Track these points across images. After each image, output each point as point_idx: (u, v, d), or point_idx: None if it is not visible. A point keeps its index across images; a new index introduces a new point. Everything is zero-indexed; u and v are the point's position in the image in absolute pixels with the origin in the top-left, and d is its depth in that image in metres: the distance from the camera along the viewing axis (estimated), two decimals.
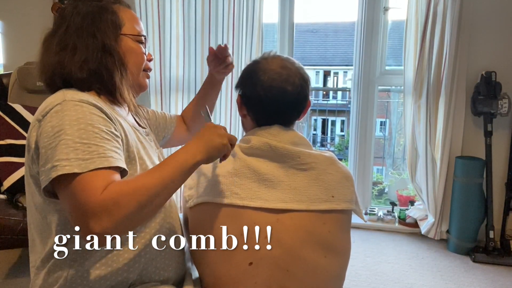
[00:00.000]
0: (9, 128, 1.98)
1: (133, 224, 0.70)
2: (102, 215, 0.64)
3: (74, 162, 0.68)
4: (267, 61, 0.95)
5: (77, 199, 0.66)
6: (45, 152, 0.71)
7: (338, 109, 9.31)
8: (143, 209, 0.68)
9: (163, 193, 0.71)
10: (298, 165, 0.89)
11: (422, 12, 2.30)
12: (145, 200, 0.68)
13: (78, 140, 0.70)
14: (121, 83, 0.89)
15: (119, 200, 0.66)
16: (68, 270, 0.81)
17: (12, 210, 1.74)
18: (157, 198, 0.70)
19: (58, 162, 0.68)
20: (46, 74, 0.87)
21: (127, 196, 0.66)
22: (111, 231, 0.65)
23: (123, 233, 0.70)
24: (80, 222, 0.66)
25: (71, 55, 0.86)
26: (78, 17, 0.87)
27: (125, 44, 0.92)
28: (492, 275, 2.10)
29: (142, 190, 0.68)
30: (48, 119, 0.74)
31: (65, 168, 0.67)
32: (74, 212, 0.67)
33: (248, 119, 0.99)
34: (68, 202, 0.68)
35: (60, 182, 0.68)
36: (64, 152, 0.69)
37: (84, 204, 0.65)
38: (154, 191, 0.70)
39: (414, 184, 2.55)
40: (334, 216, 0.89)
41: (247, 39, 2.45)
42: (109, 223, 0.64)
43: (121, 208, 0.65)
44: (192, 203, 0.91)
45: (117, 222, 0.65)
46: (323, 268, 0.87)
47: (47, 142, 0.72)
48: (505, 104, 2.27)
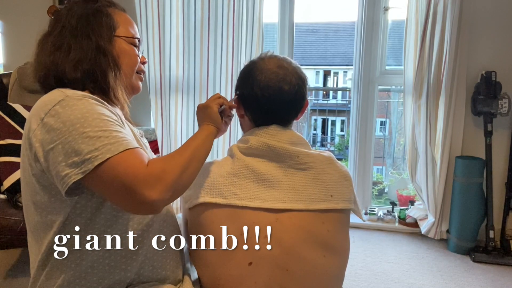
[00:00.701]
0: (9, 128, 1.98)
1: (180, 187, 0.76)
2: (156, 183, 0.70)
3: (103, 149, 0.70)
4: (264, 61, 0.96)
5: (124, 177, 0.69)
6: (63, 147, 0.71)
7: (338, 109, 9.32)
8: (184, 173, 0.76)
9: (195, 160, 0.81)
10: (297, 165, 0.89)
11: (422, 12, 2.30)
12: (185, 165, 0.77)
13: (98, 129, 0.72)
14: (115, 83, 0.90)
15: (165, 168, 0.73)
16: (66, 270, 0.81)
17: (12, 210, 1.74)
18: (192, 163, 0.80)
19: (90, 154, 0.70)
20: (40, 73, 0.88)
21: (171, 164, 0.75)
22: (166, 195, 0.71)
23: (175, 197, 0.76)
24: (134, 198, 0.69)
25: (65, 55, 0.86)
26: (73, 18, 0.88)
27: (119, 46, 0.92)
28: (492, 275, 2.10)
29: (180, 158, 0.78)
30: (54, 116, 0.74)
31: (99, 158, 0.69)
32: (124, 191, 0.69)
33: (246, 120, 0.99)
34: (113, 186, 0.70)
35: (94, 173, 0.70)
36: (91, 144, 0.71)
37: (134, 178, 0.69)
38: (189, 158, 0.79)
39: (414, 184, 2.55)
40: (333, 216, 0.89)
41: (247, 39, 2.46)
42: (163, 188, 0.70)
43: (169, 173, 0.72)
44: (191, 203, 0.91)
45: (168, 186, 0.71)
46: (323, 267, 0.87)
47: (63, 137, 0.72)
48: (505, 104, 2.27)
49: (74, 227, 0.80)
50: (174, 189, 0.73)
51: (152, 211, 0.71)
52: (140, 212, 0.72)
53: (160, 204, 0.70)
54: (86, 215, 0.80)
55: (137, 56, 0.97)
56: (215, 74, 2.52)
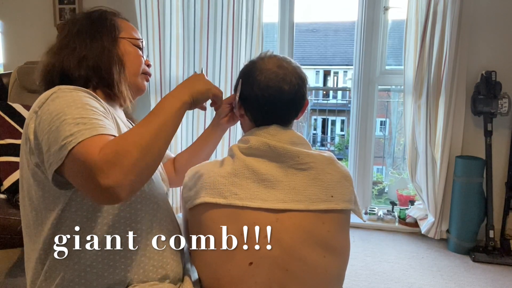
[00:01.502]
0: (9, 128, 1.98)
1: (142, 172, 0.68)
2: (108, 168, 0.64)
3: (78, 134, 0.69)
4: (263, 61, 0.96)
5: (81, 164, 0.66)
6: (48, 137, 0.72)
7: (338, 109, 9.32)
8: (145, 154, 0.68)
9: (159, 137, 0.72)
10: (297, 165, 0.89)
11: (422, 12, 2.30)
12: (144, 144, 0.68)
13: (78, 117, 0.72)
14: (119, 77, 0.92)
15: (118, 150, 0.66)
16: (65, 269, 0.81)
17: (12, 210, 1.74)
18: (156, 142, 0.71)
19: (65, 140, 0.69)
20: (44, 72, 0.89)
21: (124, 145, 0.67)
22: (125, 180, 0.64)
23: (137, 184, 0.68)
24: (91, 186, 0.65)
25: (70, 52, 0.89)
26: (78, 24, 0.92)
27: (123, 47, 0.94)
28: (492, 275, 2.10)
29: (137, 136, 0.69)
30: (45, 108, 0.76)
31: (72, 142, 0.68)
32: (83, 179, 0.66)
33: (246, 120, 0.99)
34: (76, 173, 0.68)
35: (67, 161, 0.68)
36: (67, 130, 0.70)
37: (88, 165, 0.64)
38: (149, 136, 0.70)
39: (414, 183, 2.55)
40: (333, 216, 0.89)
41: (247, 39, 2.45)
42: (117, 174, 0.64)
43: (123, 157, 0.65)
44: (191, 204, 0.91)
45: (124, 171, 0.65)
46: (323, 267, 0.87)
47: (48, 127, 0.72)
48: (505, 104, 2.27)
49: (70, 225, 0.80)
50: (135, 172, 0.66)
51: (114, 199, 0.65)
52: (102, 201, 0.66)
53: (119, 190, 0.64)
54: (83, 213, 0.81)
55: (141, 57, 0.99)
56: (214, 74, 2.52)
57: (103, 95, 0.93)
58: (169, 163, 1.23)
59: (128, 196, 0.66)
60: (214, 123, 1.17)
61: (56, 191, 0.79)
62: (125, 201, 0.68)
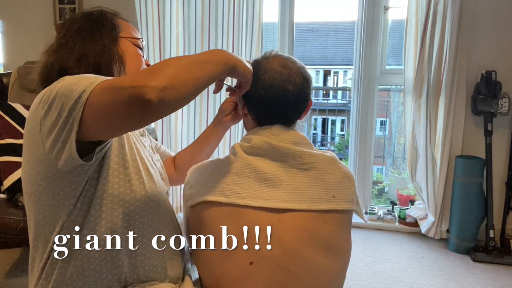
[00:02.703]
0: (9, 128, 1.98)
1: (178, 83, 0.66)
2: (144, 74, 0.64)
3: (97, 79, 0.69)
4: (268, 61, 0.95)
5: (113, 82, 0.66)
6: (64, 102, 0.70)
7: (338, 109, 9.31)
8: (186, 70, 0.69)
9: (199, 66, 0.72)
10: (299, 165, 0.89)
11: (422, 11, 2.30)
12: (185, 64, 0.69)
13: (94, 76, 0.72)
14: (119, 75, 0.90)
15: (161, 63, 0.68)
16: (64, 268, 0.81)
17: (12, 209, 1.74)
18: (195, 67, 0.71)
19: (86, 87, 0.68)
20: (43, 71, 0.88)
21: (167, 63, 0.68)
22: (159, 82, 0.63)
23: (172, 93, 0.65)
24: (124, 93, 0.63)
25: (69, 50, 0.87)
26: (77, 23, 0.91)
27: (123, 46, 0.93)
28: (492, 274, 2.11)
29: (176, 59, 0.71)
30: (53, 90, 0.73)
31: (93, 84, 0.67)
32: (114, 92, 0.65)
33: (249, 119, 0.99)
34: (105, 99, 0.66)
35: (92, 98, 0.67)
36: (87, 81, 0.69)
37: (122, 78, 0.65)
38: (188, 62, 0.71)
39: (414, 183, 2.55)
40: (335, 216, 0.89)
41: (247, 39, 2.45)
42: (154, 76, 0.63)
43: (160, 67, 0.66)
44: (192, 202, 0.91)
45: (160, 76, 0.64)
46: (324, 268, 0.87)
47: (63, 94, 0.70)
48: (505, 104, 2.27)
49: (70, 225, 0.80)
50: (168, 82, 0.64)
51: (145, 102, 0.62)
52: (133, 108, 0.63)
53: (150, 91, 0.62)
54: (83, 213, 0.81)
55: (142, 56, 0.98)
56: None
57: None
58: (169, 162, 1.23)
59: (158, 101, 0.63)
60: (216, 121, 1.16)
61: (66, 185, 0.77)
62: (155, 113, 0.65)
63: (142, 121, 0.67)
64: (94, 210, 0.81)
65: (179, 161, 1.22)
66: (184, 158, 1.21)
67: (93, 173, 0.80)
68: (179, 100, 0.68)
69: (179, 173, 1.21)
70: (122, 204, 0.84)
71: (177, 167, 1.22)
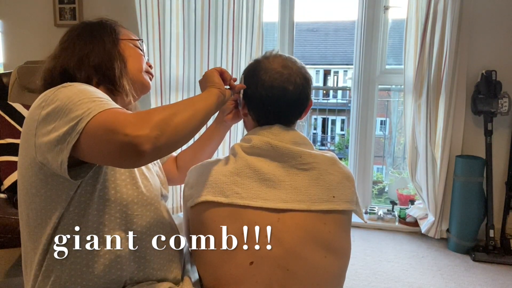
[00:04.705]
0: (9, 127, 1.98)
1: (171, 129, 0.68)
2: (138, 122, 0.64)
3: (97, 107, 0.68)
4: (268, 60, 0.95)
5: (106, 122, 0.65)
6: (61, 118, 0.70)
7: (338, 108, 9.32)
8: (175, 115, 0.69)
9: (189, 107, 0.75)
10: (299, 165, 0.89)
11: (422, 11, 2.29)
12: (175, 108, 0.71)
13: (94, 97, 0.72)
14: (121, 73, 0.92)
15: (150, 111, 0.67)
16: (63, 268, 0.81)
17: (12, 209, 1.74)
18: (186, 109, 0.74)
19: (83, 114, 0.68)
20: (45, 75, 0.89)
21: (156, 109, 0.69)
22: (151, 132, 0.63)
23: (165, 140, 0.66)
24: (115, 139, 0.63)
25: (71, 52, 0.89)
26: (78, 29, 0.94)
27: (124, 47, 0.95)
28: (492, 274, 2.11)
29: (168, 105, 0.72)
30: (54, 98, 0.74)
31: (91, 113, 0.67)
32: (106, 135, 0.64)
33: (250, 119, 0.99)
34: (98, 135, 0.66)
35: (88, 129, 0.67)
36: (85, 106, 0.69)
37: (116, 121, 0.65)
38: (180, 105, 0.74)
39: (414, 183, 2.55)
40: (334, 217, 0.89)
41: (247, 38, 2.45)
42: (146, 125, 0.64)
43: (153, 114, 0.66)
44: (192, 202, 0.91)
45: (153, 124, 0.64)
46: (324, 268, 0.87)
47: (62, 109, 0.71)
48: (505, 103, 2.27)
49: (70, 225, 0.80)
50: (161, 128, 0.65)
51: (138, 152, 0.63)
52: (125, 155, 0.64)
53: (144, 141, 0.62)
54: (83, 213, 0.81)
55: (143, 56, 0.99)
56: None
57: (105, 91, 0.91)
58: (171, 161, 1.23)
59: (151, 150, 0.64)
60: (218, 120, 1.17)
61: (59, 189, 0.78)
62: (147, 160, 0.65)
63: (135, 165, 0.68)
64: (92, 215, 0.81)
65: (181, 160, 1.23)
66: (186, 158, 1.22)
67: (87, 178, 0.80)
68: (175, 144, 0.70)
69: (181, 172, 1.21)
70: (120, 209, 0.84)
71: (179, 166, 1.22)
